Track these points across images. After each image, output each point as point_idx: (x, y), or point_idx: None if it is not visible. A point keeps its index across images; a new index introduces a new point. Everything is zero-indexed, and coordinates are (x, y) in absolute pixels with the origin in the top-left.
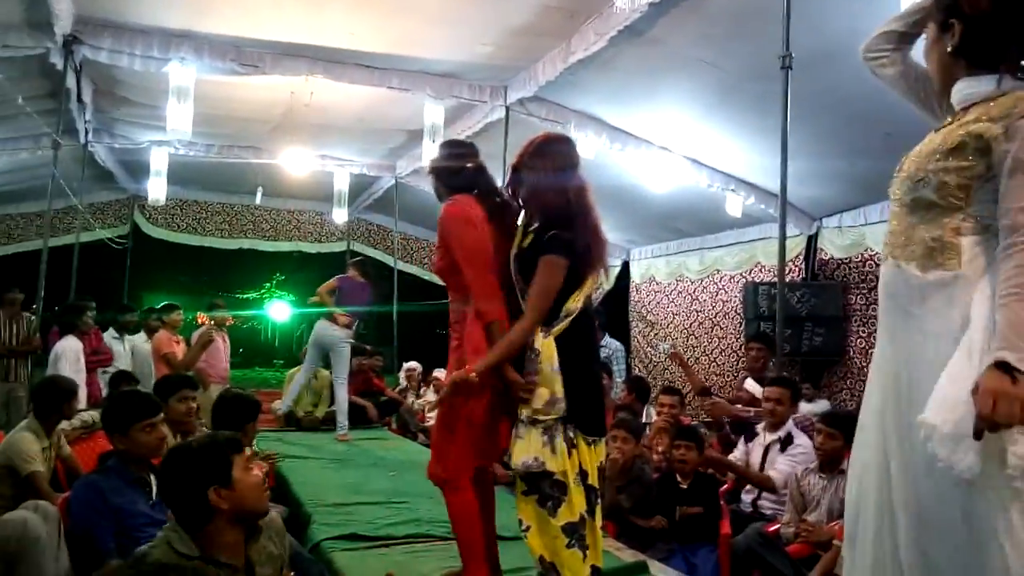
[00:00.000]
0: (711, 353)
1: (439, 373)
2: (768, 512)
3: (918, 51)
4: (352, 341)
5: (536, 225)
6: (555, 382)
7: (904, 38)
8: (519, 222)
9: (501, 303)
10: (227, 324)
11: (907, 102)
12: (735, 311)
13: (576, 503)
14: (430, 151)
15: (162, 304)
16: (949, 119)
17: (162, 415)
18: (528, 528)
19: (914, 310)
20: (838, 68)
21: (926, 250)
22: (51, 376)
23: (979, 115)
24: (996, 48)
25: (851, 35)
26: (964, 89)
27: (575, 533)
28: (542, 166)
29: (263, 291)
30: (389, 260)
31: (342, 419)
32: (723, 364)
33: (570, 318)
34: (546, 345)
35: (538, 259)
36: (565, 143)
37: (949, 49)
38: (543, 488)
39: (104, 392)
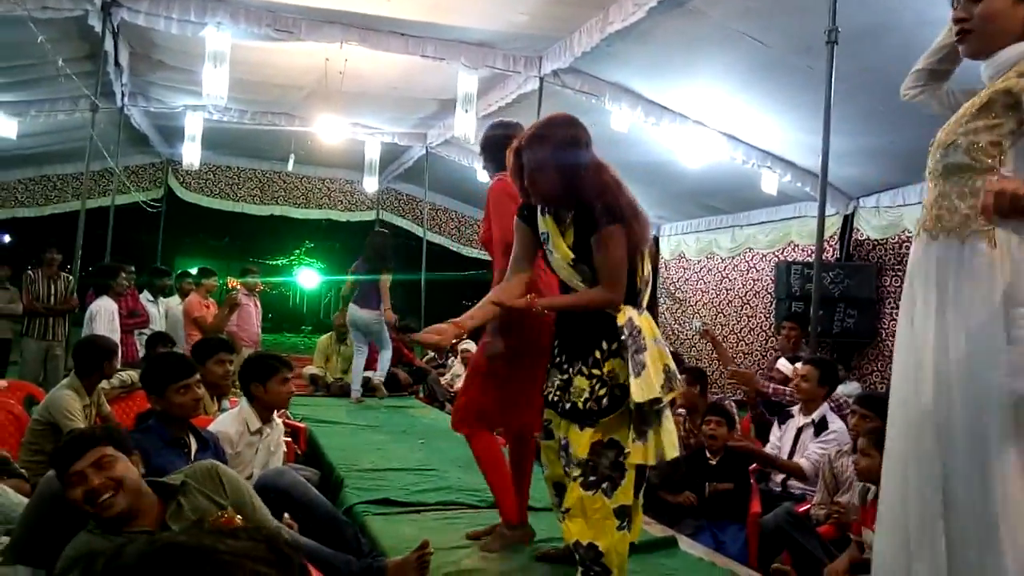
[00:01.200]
0: (740, 332)
1: (467, 344)
2: (797, 492)
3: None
4: (381, 319)
5: (570, 216)
6: (666, 356)
7: (933, 75)
8: (544, 222)
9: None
10: (258, 290)
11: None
12: (766, 290)
13: (631, 486)
14: (462, 121)
15: (198, 268)
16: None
17: (197, 376)
18: (568, 511)
19: (950, 283)
20: (883, 44)
21: (962, 218)
22: (91, 336)
23: (1008, 75)
24: None
25: (898, 10)
26: (1002, 55)
27: (626, 516)
28: (542, 149)
29: (292, 258)
30: (418, 230)
31: (381, 373)
32: (751, 343)
33: (649, 289)
34: (644, 320)
35: (592, 241)
36: (569, 124)
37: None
38: (602, 469)
39: (140, 353)
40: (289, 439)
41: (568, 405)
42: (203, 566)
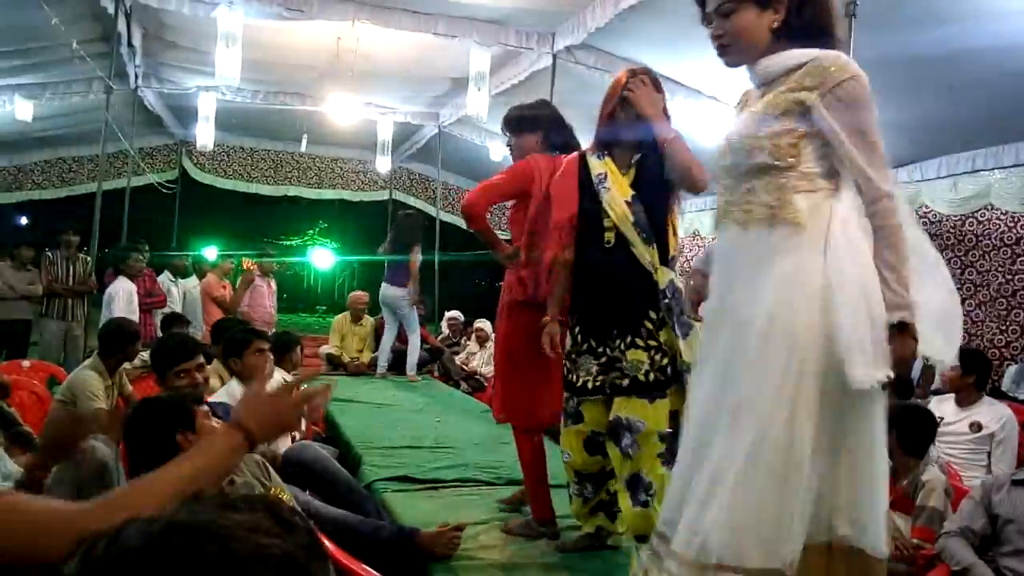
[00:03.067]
0: None
1: (481, 324)
2: None
3: None
4: (407, 298)
5: (634, 158)
6: None
7: None
8: (601, 164)
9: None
10: (273, 270)
11: None
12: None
13: None
14: (475, 100)
15: (219, 252)
16: (760, 93)
17: (200, 359)
18: (647, 502)
19: (763, 261)
20: (903, 17)
21: (769, 212)
22: (118, 319)
23: (794, 85)
24: (811, 26)
25: None
26: (764, 63)
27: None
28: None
29: (306, 238)
30: (431, 210)
31: (412, 359)
32: None
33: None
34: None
35: (663, 161)
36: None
37: (774, 26)
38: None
39: (159, 333)
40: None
41: (626, 381)
42: (207, 543)
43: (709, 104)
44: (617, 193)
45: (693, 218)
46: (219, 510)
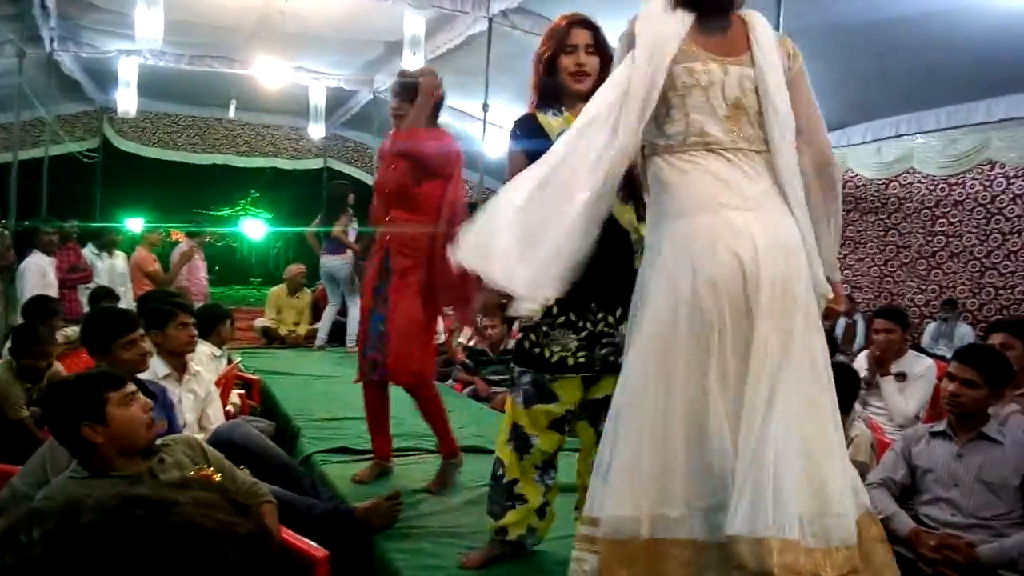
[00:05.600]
0: None
1: None
2: None
3: None
4: (347, 264)
5: None
6: None
7: None
8: (563, 121)
9: None
10: (204, 241)
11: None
12: None
13: None
14: (410, 65)
15: (144, 224)
16: None
17: (142, 331)
18: None
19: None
20: None
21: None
22: (27, 325)
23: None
24: None
25: None
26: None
27: None
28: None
29: (238, 208)
30: (367, 178)
31: (352, 330)
32: None
33: None
34: None
35: None
36: None
37: None
38: None
39: (85, 309)
40: (242, 391)
41: (622, 359)
42: (168, 517)
43: None
44: None
45: None
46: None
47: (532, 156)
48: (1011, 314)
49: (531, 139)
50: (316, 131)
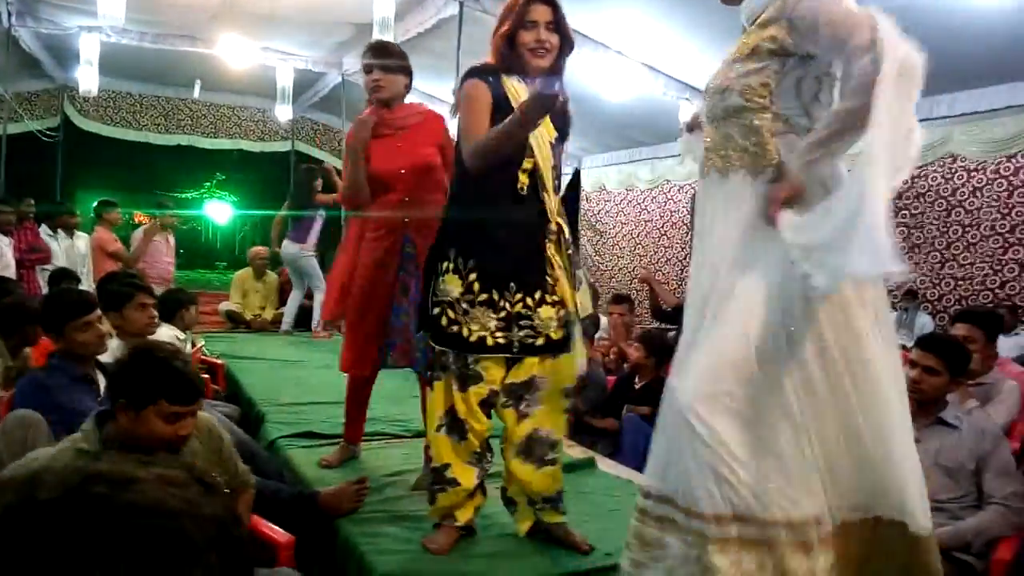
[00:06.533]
0: (658, 263)
1: None
2: None
3: None
4: (304, 254)
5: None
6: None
7: None
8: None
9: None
10: (172, 224)
11: None
12: (682, 221)
13: None
14: None
15: (98, 201)
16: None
17: (99, 312)
18: (554, 460)
19: (742, 210)
20: None
21: (750, 156)
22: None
23: (766, 19)
24: None
25: None
26: (752, 3)
27: None
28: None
29: (203, 191)
30: (336, 161)
31: (318, 315)
32: (668, 273)
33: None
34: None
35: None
36: None
37: None
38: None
39: (44, 290)
40: (207, 376)
41: (541, 340)
42: (128, 495)
43: (616, 58)
44: (545, 131)
45: (600, 172)
46: (140, 465)
47: (496, 103)
48: (969, 304)
49: (495, 88)
50: (283, 113)
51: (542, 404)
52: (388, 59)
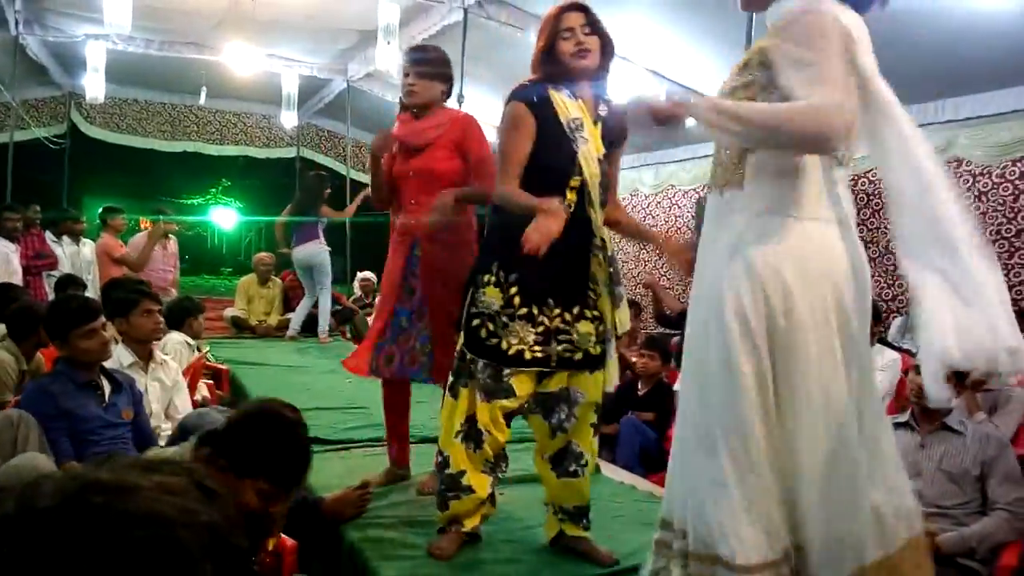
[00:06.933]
0: (662, 268)
1: (367, 274)
2: None
3: None
4: (322, 250)
5: (603, 109)
6: None
7: None
8: (575, 106)
9: None
10: (174, 231)
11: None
12: (687, 226)
13: None
14: (384, 54)
15: (103, 207)
16: None
17: (103, 319)
18: (577, 472)
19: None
20: None
21: (729, 168)
22: (25, 303)
23: (769, 32)
24: None
25: None
26: (771, 10)
27: None
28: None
29: (209, 197)
30: (341, 168)
31: (323, 321)
32: (673, 279)
33: None
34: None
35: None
36: None
37: None
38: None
39: (50, 296)
40: (211, 381)
41: (579, 355)
42: (126, 504)
43: (621, 64)
44: (593, 148)
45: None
46: (139, 471)
47: (541, 123)
48: None
49: (541, 107)
50: (289, 119)
51: (578, 419)
52: (425, 64)
